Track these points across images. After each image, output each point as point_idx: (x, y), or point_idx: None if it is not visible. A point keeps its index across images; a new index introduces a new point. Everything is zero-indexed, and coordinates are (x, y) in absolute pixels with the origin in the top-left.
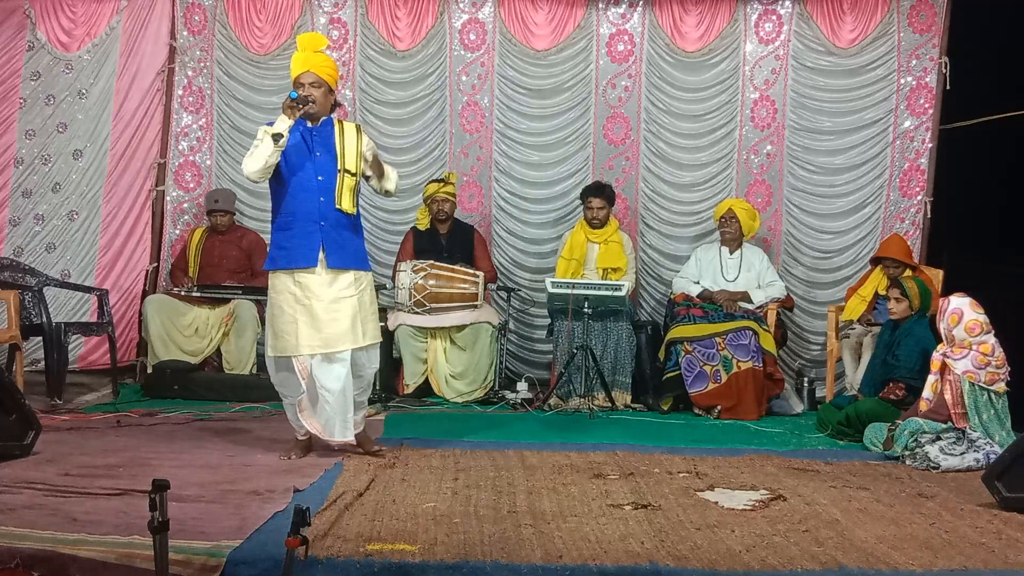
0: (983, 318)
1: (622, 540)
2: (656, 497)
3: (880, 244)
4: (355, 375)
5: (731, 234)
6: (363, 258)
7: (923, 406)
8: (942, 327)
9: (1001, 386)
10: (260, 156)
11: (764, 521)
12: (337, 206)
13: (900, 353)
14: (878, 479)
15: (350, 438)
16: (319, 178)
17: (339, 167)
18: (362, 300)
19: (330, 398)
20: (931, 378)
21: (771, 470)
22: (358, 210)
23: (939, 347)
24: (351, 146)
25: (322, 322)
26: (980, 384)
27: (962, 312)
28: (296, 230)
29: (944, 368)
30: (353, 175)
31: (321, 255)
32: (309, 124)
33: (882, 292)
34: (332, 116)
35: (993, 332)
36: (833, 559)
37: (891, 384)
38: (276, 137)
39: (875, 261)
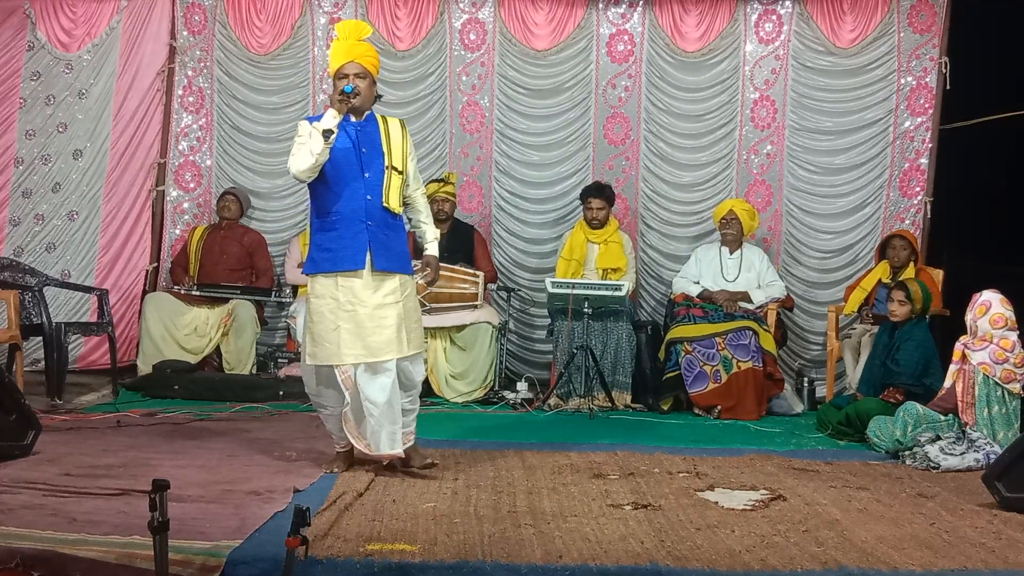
0: (1010, 314)
1: (622, 540)
2: (656, 497)
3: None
4: (402, 385)
5: (732, 235)
6: (407, 261)
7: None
8: (968, 318)
9: (1016, 387)
10: (309, 153)
11: (764, 521)
12: (384, 204)
13: (901, 358)
14: (878, 479)
15: (398, 451)
16: (366, 175)
17: (386, 164)
18: (407, 306)
19: (375, 411)
20: (952, 367)
21: (771, 470)
22: (403, 211)
23: (961, 338)
24: (397, 143)
25: (366, 329)
26: (995, 379)
27: (991, 304)
28: (342, 230)
29: (963, 359)
30: (400, 173)
31: (368, 257)
32: (353, 119)
33: (886, 279)
34: (374, 111)
35: (1018, 332)
36: (833, 559)
37: (891, 389)
38: (327, 133)
39: (882, 245)
